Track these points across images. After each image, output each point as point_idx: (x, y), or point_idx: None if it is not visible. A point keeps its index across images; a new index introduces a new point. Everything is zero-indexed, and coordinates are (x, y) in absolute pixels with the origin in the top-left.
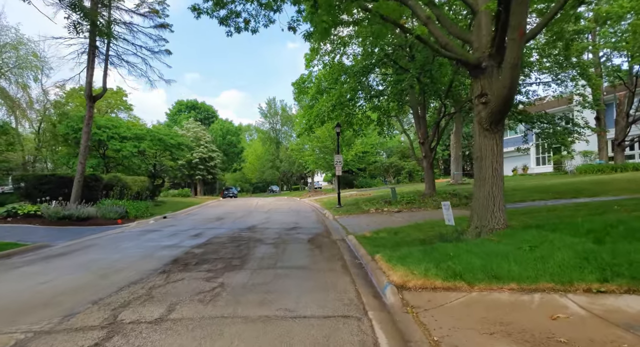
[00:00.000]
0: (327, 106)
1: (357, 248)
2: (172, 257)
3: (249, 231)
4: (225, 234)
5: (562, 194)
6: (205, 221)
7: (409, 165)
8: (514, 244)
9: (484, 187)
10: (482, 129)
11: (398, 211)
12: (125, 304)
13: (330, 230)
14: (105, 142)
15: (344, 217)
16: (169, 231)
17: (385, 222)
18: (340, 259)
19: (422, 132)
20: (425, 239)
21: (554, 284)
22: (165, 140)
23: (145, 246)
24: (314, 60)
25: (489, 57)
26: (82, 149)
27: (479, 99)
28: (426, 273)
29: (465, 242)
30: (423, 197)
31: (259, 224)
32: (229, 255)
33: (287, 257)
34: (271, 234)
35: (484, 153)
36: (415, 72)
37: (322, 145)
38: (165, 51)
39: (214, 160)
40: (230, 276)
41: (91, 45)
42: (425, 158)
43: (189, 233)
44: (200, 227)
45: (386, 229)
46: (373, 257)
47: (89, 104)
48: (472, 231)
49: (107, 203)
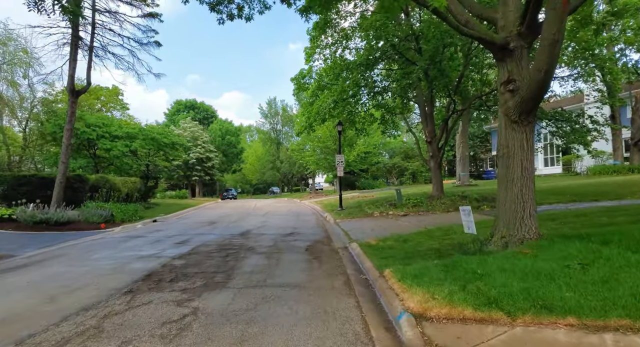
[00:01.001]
0: (328, 103)
1: (361, 259)
2: (146, 271)
3: (241, 238)
4: (214, 241)
5: (580, 196)
6: (197, 225)
7: (412, 166)
8: (557, 260)
9: (512, 190)
10: (510, 121)
11: (404, 215)
12: (60, 344)
13: (331, 236)
14: (95, 141)
15: (346, 221)
16: (153, 237)
17: (391, 227)
18: (342, 274)
19: (429, 131)
20: (440, 250)
21: (631, 320)
22: (158, 140)
23: (121, 256)
24: (315, 55)
25: (517, 36)
26: (64, 148)
27: (506, 86)
28: (451, 298)
29: (491, 256)
30: (430, 199)
31: (253, 229)
32: (213, 268)
33: (280, 271)
34: (266, 241)
35: (511, 149)
36: (424, 63)
37: (323, 146)
38: (155, 43)
39: (211, 160)
40: (209, 297)
41: (74, 36)
42: (433, 158)
43: (174, 240)
44: (189, 232)
45: (393, 236)
46: (381, 272)
47: (71, 99)
48: (497, 241)
49: (91, 206)
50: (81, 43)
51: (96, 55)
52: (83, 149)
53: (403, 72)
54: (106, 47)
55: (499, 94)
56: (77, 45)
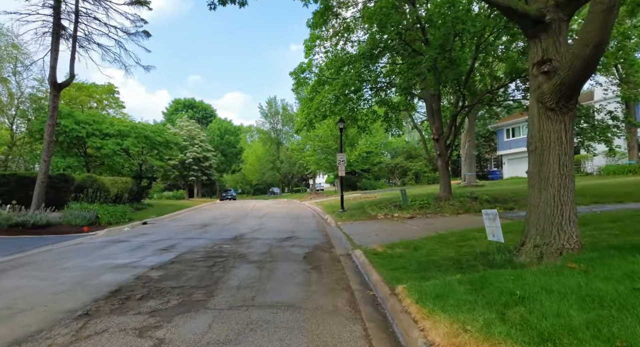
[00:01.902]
0: (328, 98)
1: (367, 270)
2: (115, 286)
3: (233, 243)
4: (203, 246)
5: (601, 197)
6: (188, 228)
7: (415, 166)
8: (619, 279)
9: (547, 190)
10: (545, 108)
11: (411, 217)
12: None
13: (333, 241)
14: (85, 139)
15: (348, 223)
16: (137, 242)
17: (398, 231)
18: (345, 289)
19: (436, 128)
20: (459, 260)
21: None
22: (151, 138)
23: (92, 265)
24: (315, 48)
25: (555, 7)
26: (45, 145)
27: (539, 68)
28: (489, 331)
29: (527, 270)
30: (438, 200)
31: (248, 232)
32: (195, 281)
33: (272, 285)
34: (260, 247)
35: (546, 143)
36: (433, 52)
37: (323, 145)
38: (144, 33)
39: (209, 160)
40: (181, 323)
41: (55, 24)
42: (440, 157)
43: (159, 245)
44: (177, 236)
45: (403, 243)
46: (393, 289)
47: (53, 92)
48: (529, 251)
49: (74, 207)
50: (64, 33)
51: (80, 45)
52: (73, 147)
53: (410, 63)
54: (90, 36)
55: (530, 78)
56: (58, 34)
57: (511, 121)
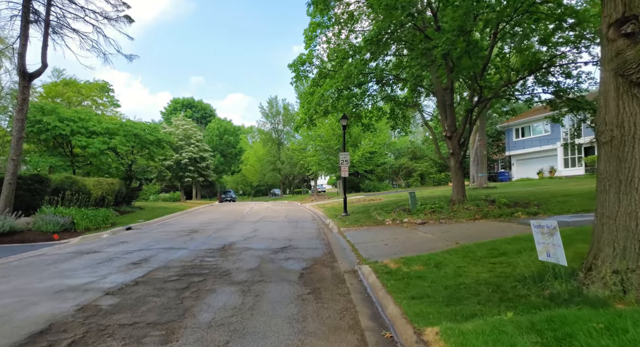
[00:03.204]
0: (331, 92)
1: (380, 297)
2: (44, 323)
3: (219, 255)
4: (182, 260)
5: None
6: (173, 235)
7: (421, 167)
8: None
9: (630, 196)
10: (628, 84)
11: (422, 223)
12: None
13: (335, 252)
14: (69, 137)
15: (353, 230)
16: (107, 254)
17: (410, 240)
18: (352, 327)
19: (449, 124)
20: (501, 286)
21: None
22: (141, 136)
23: (36, 288)
24: (317, 38)
25: None
26: (13, 142)
27: (619, 29)
28: None
29: (617, 312)
30: (452, 204)
31: (239, 240)
32: (154, 315)
33: (255, 321)
34: (249, 260)
35: (628, 131)
36: (451, 35)
37: (325, 145)
38: (125, 18)
39: (206, 160)
40: None
41: (24, 6)
42: (453, 155)
43: (132, 258)
44: (157, 246)
45: (420, 257)
46: (420, 332)
47: (22, 83)
48: (606, 279)
49: (47, 211)
50: (36, 17)
51: (54, 32)
52: (58, 146)
53: (423, 49)
54: (65, 21)
55: (603, 44)
56: (28, 18)
57: (521, 120)
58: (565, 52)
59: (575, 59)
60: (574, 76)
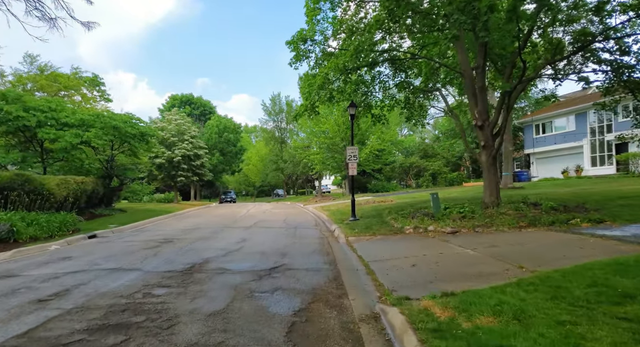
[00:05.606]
0: (338, 67)
1: None
2: None
3: (178, 282)
4: (119, 292)
5: None
6: (137, 247)
7: (433, 166)
8: None
9: None
10: None
11: (453, 232)
12: None
13: (344, 276)
14: (35, 129)
15: (365, 240)
16: (17, 282)
17: (447, 259)
18: None
19: (479, 110)
20: None
21: None
22: (121, 129)
23: None
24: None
25: None
26: None
27: None
28: None
29: None
30: (485, 208)
31: (217, 256)
32: None
33: None
34: (217, 294)
35: None
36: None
37: (330, 142)
38: None
39: (200, 158)
40: None
41: None
42: (485, 149)
43: (46, 289)
44: (102, 265)
45: (480, 295)
46: None
47: None
48: None
49: None
50: None
51: None
52: (27, 141)
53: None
54: None
55: None
56: None
57: (542, 115)
58: (625, 22)
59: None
60: (634, 52)
